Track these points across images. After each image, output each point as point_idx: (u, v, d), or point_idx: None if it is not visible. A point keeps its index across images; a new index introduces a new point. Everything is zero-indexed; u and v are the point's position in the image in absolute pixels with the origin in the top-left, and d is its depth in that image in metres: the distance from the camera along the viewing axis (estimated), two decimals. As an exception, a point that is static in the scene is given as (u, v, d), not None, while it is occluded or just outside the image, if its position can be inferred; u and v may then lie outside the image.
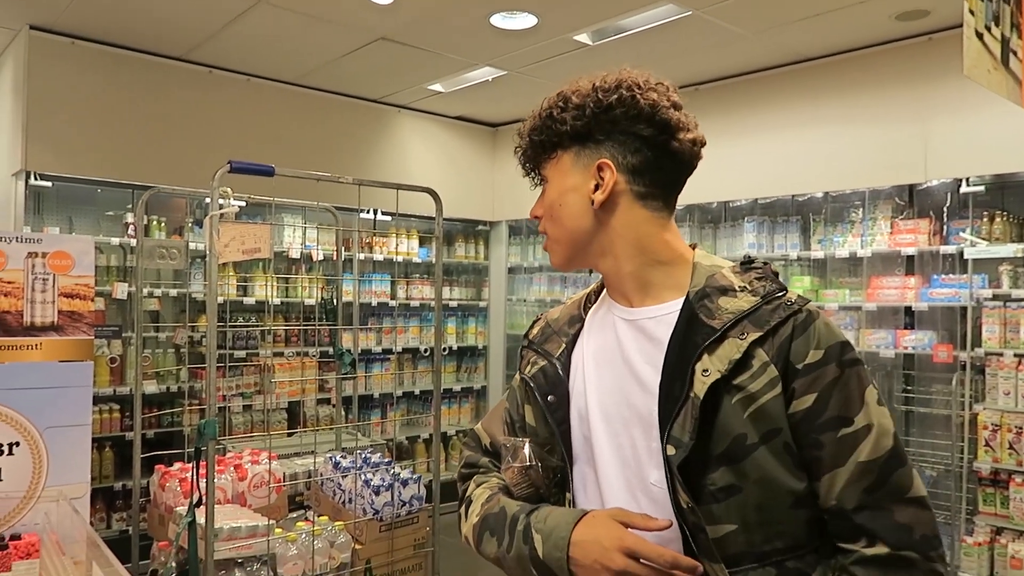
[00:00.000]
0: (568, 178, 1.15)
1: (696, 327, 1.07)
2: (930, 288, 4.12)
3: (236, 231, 2.51)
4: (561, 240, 1.17)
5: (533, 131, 1.18)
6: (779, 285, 1.09)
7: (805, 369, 1.02)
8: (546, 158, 1.17)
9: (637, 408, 1.10)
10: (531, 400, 1.24)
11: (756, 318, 1.05)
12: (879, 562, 0.98)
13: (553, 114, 1.14)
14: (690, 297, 1.10)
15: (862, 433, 1.01)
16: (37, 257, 2.41)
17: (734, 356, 1.03)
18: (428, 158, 6.08)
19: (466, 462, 1.35)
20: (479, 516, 1.20)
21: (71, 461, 2.36)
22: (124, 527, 4.43)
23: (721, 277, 1.11)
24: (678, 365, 1.06)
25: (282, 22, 4.15)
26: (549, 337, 1.26)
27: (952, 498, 3.94)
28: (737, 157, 4.75)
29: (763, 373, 1.02)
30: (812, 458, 1.02)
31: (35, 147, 4.26)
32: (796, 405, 1.02)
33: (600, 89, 1.11)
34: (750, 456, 1.01)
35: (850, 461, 1.00)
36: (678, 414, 1.03)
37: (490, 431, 1.34)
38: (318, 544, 2.70)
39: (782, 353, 1.03)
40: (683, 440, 1.02)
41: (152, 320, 4.89)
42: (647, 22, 4.08)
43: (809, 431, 1.02)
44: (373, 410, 5.80)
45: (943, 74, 4.02)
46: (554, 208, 1.16)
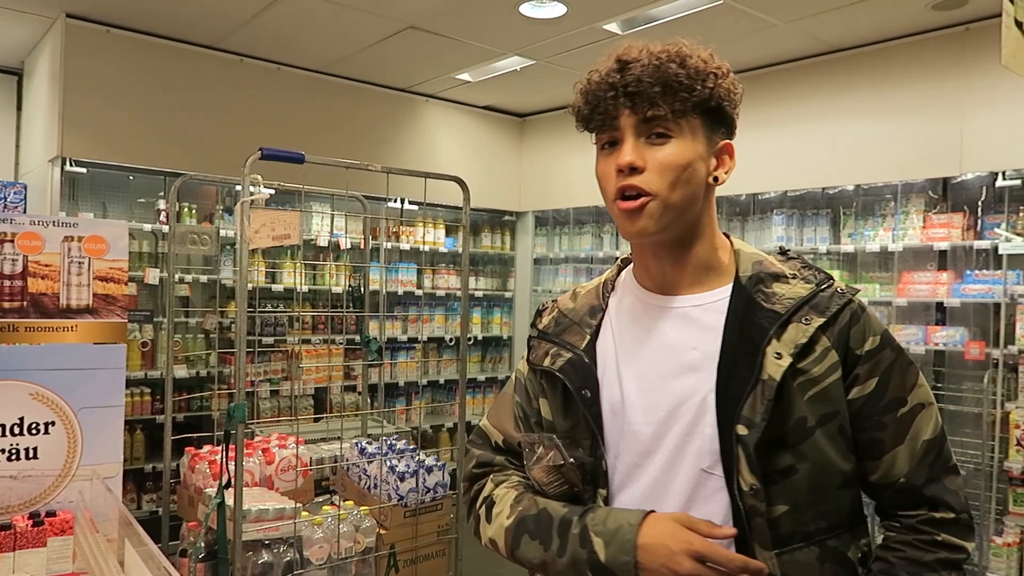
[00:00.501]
0: (699, 145, 1.09)
1: (756, 311, 1.09)
2: (963, 284, 4.05)
3: (266, 217, 2.54)
4: (673, 204, 1.07)
5: (676, 85, 1.05)
6: (826, 274, 1.14)
7: (866, 356, 1.09)
8: (680, 114, 1.06)
9: (685, 395, 1.09)
10: (547, 393, 1.20)
11: (816, 304, 1.09)
12: (946, 524, 1.08)
13: (696, 76, 1.06)
14: (743, 282, 1.13)
15: (918, 411, 1.10)
16: (73, 241, 2.46)
17: (800, 341, 1.06)
18: (455, 148, 6.09)
19: (478, 461, 1.28)
20: (514, 519, 1.14)
21: (104, 441, 2.41)
22: (154, 508, 4.52)
23: (769, 264, 1.15)
24: (741, 348, 1.07)
25: (312, 11, 4.17)
26: (567, 328, 1.22)
27: (982, 498, 3.88)
28: (767, 149, 4.70)
29: (825, 358, 1.07)
30: (873, 439, 1.09)
31: (71, 134, 4.34)
32: (859, 391, 1.09)
33: (731, 73, 1.11)
34: (809, 439, 1.05)
35: (913, 439, 1.09)
36: (748, 396, 1.05)
37: (500, 428, 1.28)
38: (343, 528, 2.73)
39: (842, 339, 1.08)
40: (755, 420, 1.03)
41: (183, 305, 4.96)
42: (677, 11, 4.04)
43: (872, 414, 1.09)
44: (398, 398, 5.85)
45: (980, 65, 3.94)
46: (683, 170, 1.06)
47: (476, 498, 1.25)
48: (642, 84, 1.05)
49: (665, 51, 1.08)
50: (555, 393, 1.19)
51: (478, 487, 1.26)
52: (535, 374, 1.24)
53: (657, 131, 1.07)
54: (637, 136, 1.07)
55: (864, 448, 1.10)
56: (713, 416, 1.07)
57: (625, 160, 1.06)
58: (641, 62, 1.07)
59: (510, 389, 1.31)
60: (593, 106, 1.10)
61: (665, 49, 1.08)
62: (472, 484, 1.28)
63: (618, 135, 1.09)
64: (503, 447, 1.27)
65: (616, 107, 1.07)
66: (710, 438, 1.07)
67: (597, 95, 1.09)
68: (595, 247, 6.00)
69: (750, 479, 1.03)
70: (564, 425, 1.17)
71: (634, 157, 1.06)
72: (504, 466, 1.26)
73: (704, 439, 1.07)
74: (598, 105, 1.09)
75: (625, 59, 1.08)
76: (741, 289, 1.12)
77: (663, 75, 1.05)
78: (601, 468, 1.13)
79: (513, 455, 1.25)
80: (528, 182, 6.48)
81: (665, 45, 1.09)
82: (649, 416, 1.11)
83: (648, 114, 1.06)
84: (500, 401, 1.32)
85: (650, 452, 1.11)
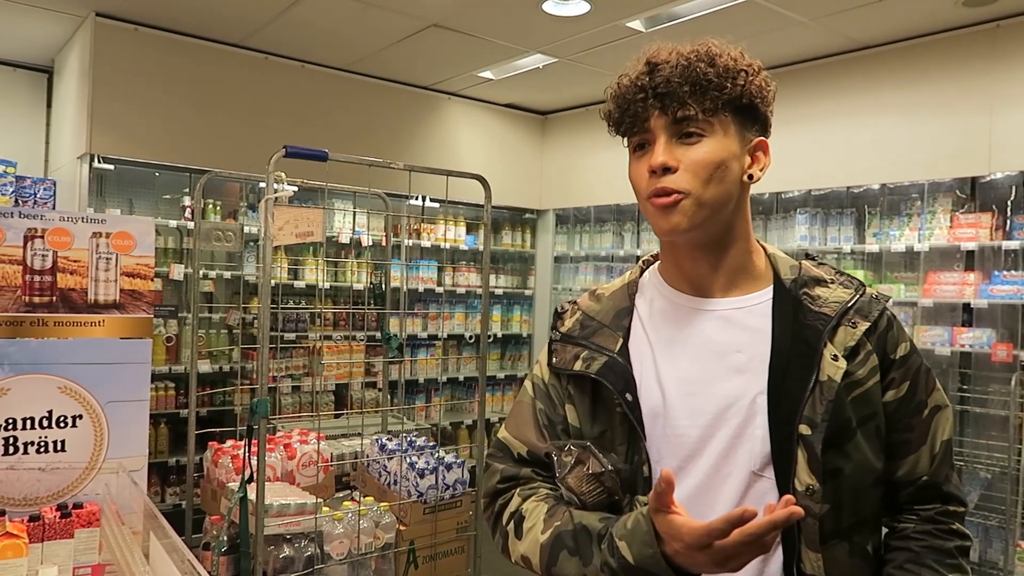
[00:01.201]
0: (732, 144, 1.08)
1: (806, 314, 1.11)
2: (991, 285, 3.99)
3: (290, 215, 2.56)
4: (707, 202, 1.06)
5: (706, 84, 1.05)
6: (858, 279, 1.18)
7: (900, 360, 1.13)
8: (712, 113, 1.06)
9: (732, 397, 1.09)
10: (574, 399, 1.16)
11: (859, 309, 1.12)
12: (959, 516, 1.16)
13: (726, 75, 1.06)
14: (786, 285, 1.14)
15: (937, 413, 1.15)
16: (101, 237, 2.49)
17: (849, 344, 1.09)
18: (477, 145, 6.10)
19: (502, 476, 1.20)
20: (550, 534, 1.09)
21: (130, 434, 2.45)
22: (178, 501, 4.58)
23: (807, 268, 1.17)
24: (795, 349, 1.08)
25: (337, 9, 4.20)
26: (596, 331, 1.18)
27: (1007, 501, 3.82)
28: (791, 147, 4.65)
29: (867, 361, 1.10)
30: (902, 440, 1.13)
31: (99, 131, 4.40)
32: (894, 394, 1.12)
33: (762, 70, 1.11)
34: (852, 439, 1.07)
35: (935, 440, 1.14)
36: (809, 396, 1.06)
37: (522, 438, 1.21)
38: (364, 524, 2.75)
39: (880, 343, 1.12)
40: (816, 420, 1.05)
41: (206, 301, 5.02)
42: (702, 8, 4.02)
43: (904, 416, 1.13)
44: (418, 395, 5.87)
45: (1010, 62, 3.87)
46: (718, 166, 1.06)
47: (501, 513, 1.19)
48: (671, 84, 1.05)
49: (695, 51, 1.07)
50: (583, 398, 1.16)
51: (503, 501, 1.20)
52: (559, 379, 1.20)
53: (688, 130, 1.06)
54: (669, 137, 1.07)
55: (893, 448, 1.13)
56: (765, 418, 1.07)
57: (658, 161, 1.06)
58: (670, 63, 1.06)
59: (526, 397, 1.24)
60: (623, 109, 1.09)
61: (695, 49, 1.08)
62: (494, 499, 1.22)
63: (649, 136, 1.09)
64: (528, 458, 1.20)
65: (646, 109, 1.07)
66: (761, 440, 1.07)
67: (627, 98, 1.09)
68: (616, 245, 5.98)
69: (808, 480, 1.04)
70: (593, 431, 1.14)
71: (666, 158, 1.05)
72: (530, 478, 1.19)
73: (755, 441, 1.07)
74: (628, 108, 1.09)
75: (654, 61, 1.08)
76: (785, 292, 1.13)
77: (692, 74, 1.05)
78: (641, 474, 1.10)
79: (539, 466, 1.19)
80: (549, 180, 6.48)
81: (695, 45, 1.09)
82: (694, 419, 1.09)
83: (679, 114, 1.05)
84: (518, 410, 1.25)
85: (694, 455, 1.09)
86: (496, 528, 1.20)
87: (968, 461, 4.12)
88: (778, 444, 1.06)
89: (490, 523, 1.23)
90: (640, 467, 1.10)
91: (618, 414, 1.12)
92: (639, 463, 1.10)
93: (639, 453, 1.10)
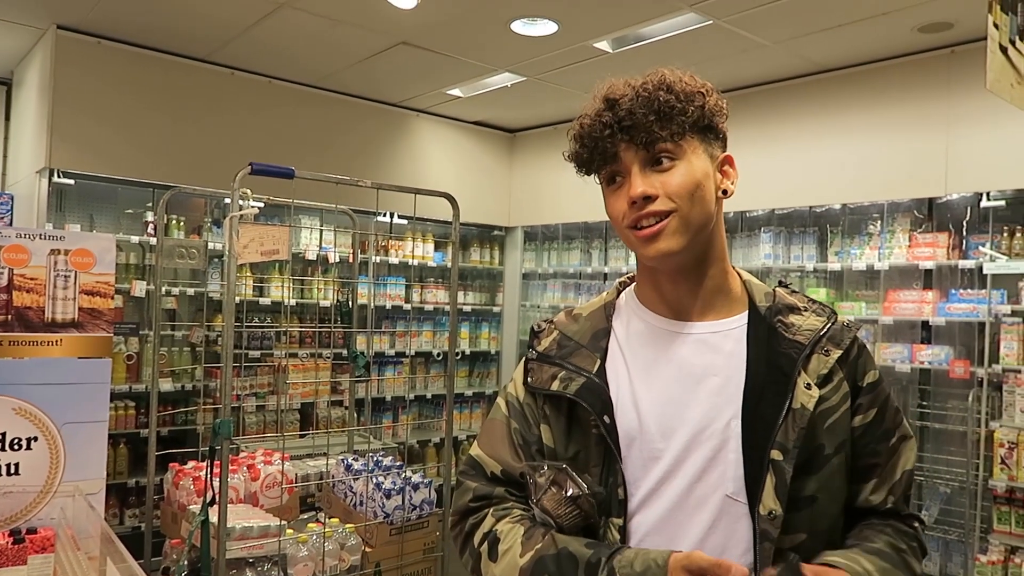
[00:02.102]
0: (703, 162, 1.11)
1: (780, 341, 1.13)
2: (948, 303, 4.08)
3: (255, 232, 2.53)
4: (694, 223, 1.08)
5: (668, 110, 1.07)
6: (829, 307, 1.20)
7: (868, 387, 1.15)
8: (679, 137, 1.08)
9: (707, 420, 1.09)
10: (550, 419, 1.16)
11: (832, 337, 1.14)
12: (918, 530, 1.18)
13: (686, 99, 1.08)
14: (761, 312, 1.16)
15: (902, 442, 1.17)
16: (60, 254, 2.44)
17: (822, 371, 1.11)
18: (445, 162, 6.10)
19: (475, 495, 1.18)
20: (531, 558, 1.06)
21: (87, 457, 2.38)
22: (137, 524, 4.47)
23: (781, 296, 1.19)
24: (770, 376, 1.09)
25: (305, 25, 4.18)
26: (574, 351, 1.18)
27: (966, 516, 3.90)
28: (755, 167, 4.73)
29: (840, 388, 1.12)
30: (867, 465, 1.15)
31: (59, 145, 4.32)
32: (861, 419, 1.14)
33: (715, 90, 1.13)
34: (826, 466, 1.09)
35: (899, 468, 1.16)
36: (781, 423, 1.07)
37: (497, 457, 1.19)
38: (329, 546, 2.71)
39: (851, 371, 1.14)
40: (788, 447, 1.06)
41: (169, 318, 4.93)
42: (668, 30, 4.08)
43: (869, 442, 1.15)
44: (385, 413, 5.82)
45: (965, 87, 3.99)
46: (697, 187, 1.08)
47: (472, 533, 1.16)
48: (636, 116, 1.06)
49: (649, 81, 1.09)
50: (559, 419, 1.15)
51: (474, 520, 1.17)
52: (535, 398, 1.18)
53: (659, 157, 1.08)
54: (642, 166, 1.09)
55: (857, 473, 1.15)
56: (739, 442, 1.07)
57: (637, 192, 1.07)
58: (628, 96, 1.08)
59: (500, 415, 1.23)
60: (591, 148, 1.11)
61: (647, 80, 1.10)
62: (465, 518, 1.19)
63: (620, 168, 1.10)
64: (501, 478, 1.18)
65: (615, 144, 1.08)
66: (735, 464, 1.07)
67: (593, 136, 1.10)
68: (584, 262, 6.01)
69: (772, 504, 1.04)
70: (568, 452, 1.14)
71: (645, 187, 1.07)
72: (504, 498, 1.17)
73: (728, 465, 1.07)
74: (596, 146, 1.10)
75: (612, 97, 1.10)
76: (760, 318, 1.15)
77: (655, 103, 1.07)
78: (616, 496, 1.09)
79: (513, 485, 1.18)
80: (518, 197, 6.50)
81: (646, 76, 1.11)
82: (669, 442, 1.09)
83: (648, 143, 1.07)
84: (491, 428, 1.23)
85: (668, 478, 1.09)
86: (466, 548, 1.17)
87: (928, 476, 4.19)
88: (750, 468, 1.06)
89: (458, 541, 1.20)
90: (615, 489, 1.09)
91: (594, 435, 1.11)
92: (614, 485, 1.09)
93: (614, 475, 1.10)
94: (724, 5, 3.67)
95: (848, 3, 3.62)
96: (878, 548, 1.09)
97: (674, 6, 3.72)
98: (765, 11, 3.72)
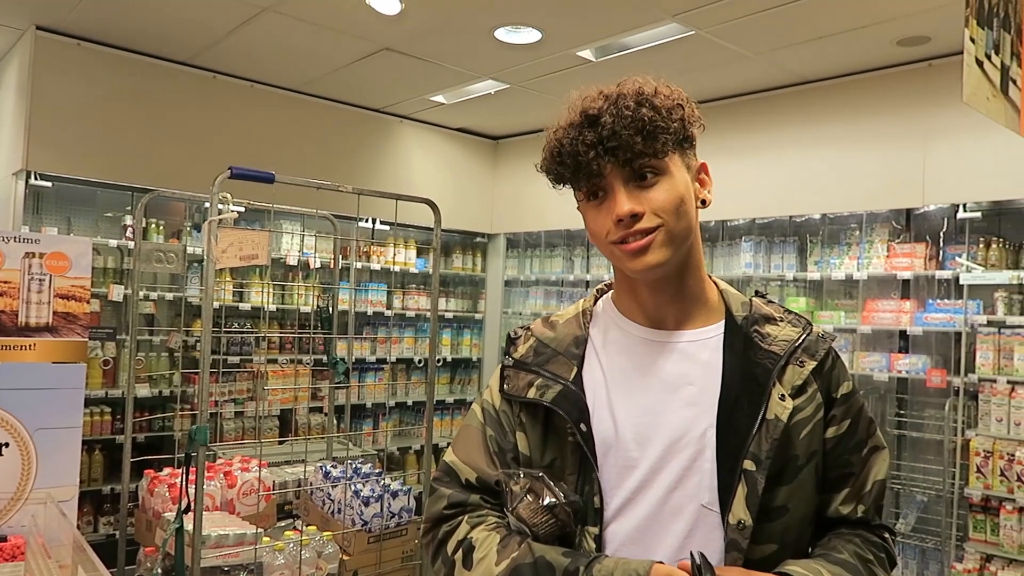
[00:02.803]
0: (683, 175, 1.11)
1: (756, 352, 1.13)
2: (925, 312, 4.13)
3: (234, 237, 2.51)
4: (679, 236, 1.09)
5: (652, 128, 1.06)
6: (805, 318, 1.21)
7: (842, 399, 1.15)
8: (663, 154, 1.08)
9: (683, 429, 1.09)
10: (526, 427, 1.15)
11: (807, 348, 1.14)
12: (888, 541, 1.18)
13: (668, 114, 1.08)
14: (738, 322, 1.16)
15: (875, 453, 1.17)
16: (34, 257, 2.40)
17: (797, 383, 1.11)
18: (428, 169, 6.09)
19: (449, 502, 1.16)
20: (507, 566, 1.05)
21: (60, 463, 2.34)
22: (111, 531, 4.40)
23: (758, 306, 1.19)
24: (744, 386, 1.09)
25: (288, 30, 4.17)
26: (551, 358, 1.17)
27: (943, 524, 3.93)
28: (736, 176, 4.77)
29: (814, 398, 1.12)
30: (839, 476, 1.15)
31: (37, 147, 4.26)
32: (834, 431, 1.14)
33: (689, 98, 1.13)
34: (797, 477, 1.09)
35: (871, 479, 1.16)
36: (755, 434, 1.07)
37: (472, 464, 1.18)
38: (306, 554, 2.68)
39: (825, 382, 1.14)
40: (761, 458, 1.06)
41: (147, 323, 4.88)
42: (650, 40, 4.11)
43: (842, 453, 1.15)
44: (365, 420, 5.78)
45: (943, 100, 4.04)
46: (681, 202, 1.09)
47: (446, 540, 1.15)
48: (619, 137, 1.05)
49: (626, 95, 1.08)
50: (535, 426, 1.14)
51: (448, 528, 1.15)
52: (511, 406, 1.17)
53: (644, 172, 1.08)
54: (625, 183, 1.08)
55: (829, 483, 1.15)
56: (713, 451, 1.07)
57: (624, 211, 1.06)
58: (609, 112, 1.06)
59: (475, 422, 1.22)
60: (574, 168, 1.09)
61: (625, 92, 1.08)
62: (438, 525, 1.17)
63: (603, 185, 1.09)
64: (476, 485, 1.17)
65: (600, 164, 1.07)
66: (709, 473, 1.07)
67: (576, 156, 1.08)
68: (566, 270, 6.02)
69: (742, 514, 1.04)
70: (543, 460, 1.13)
71: (632, 205, 1.06)
72: (479, 505, 1.16)
73: (704, 474, 1.07)
74: (579, 166, 1.08)
75: (592, 113, 1.08)
76: (736, 328, 1.15)
77: (639, 123, 1.05)
78: (592, 505, 1.09)
79: (488, 493, 1.16)
80: (500, 204, 6.50)
81: (621, 87, 1.09)
82: (645, 450, 1.09)
83: (631, 160, 1.06)
84: (466, 435, 1.22)
85: (644, 487, 1.09)
86: (439, 555, 1.15)
87: (905, 484, 4.23)
88: (722, 478, 1.06)
89: (430, 548, 1.18)
90: (591, 498, 1.09)
91: (570, 443, 1.11)
92: (590, 494, 1.09)
93: (590, 484, 1.09)
94: (706, 16, 3.70)
95: (828, 16, 3.67)
96: (843, 559, 1.09)
97: (657, 16, 3.75)
98: (746, 22, 3.75)
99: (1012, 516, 3.63)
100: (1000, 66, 2.52)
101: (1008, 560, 3.67)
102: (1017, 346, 3.73)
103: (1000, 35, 2.52)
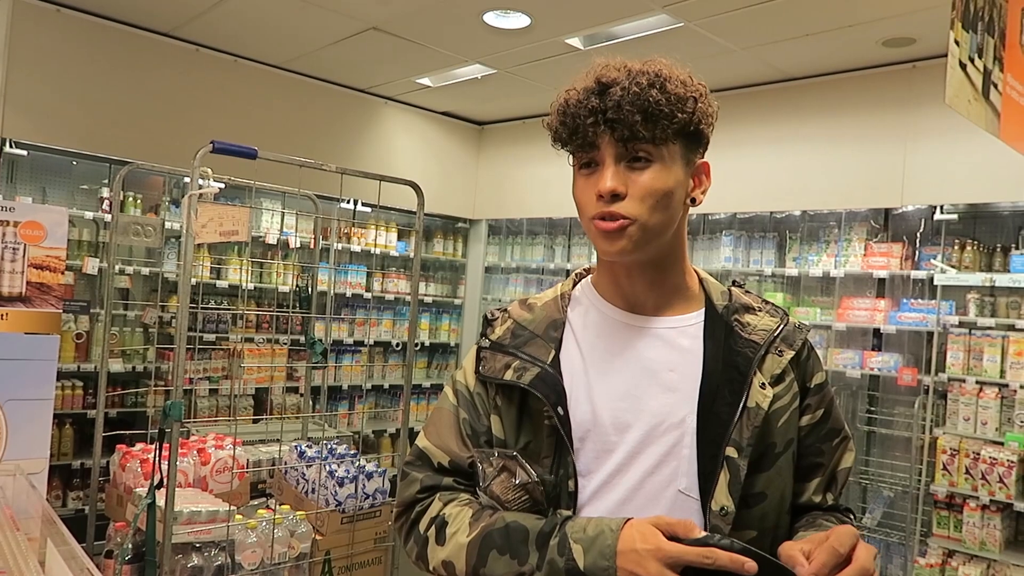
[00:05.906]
0: (678, 168, 1.10)
1: (736, 340, 1.13)
2: (899, 312, 4.19)
3: (214, 212, 2.48)
4: (653, 228, 1.07)
5: (657, 112, 1.04)
6: (783, 308, 1.22)
7: (816, 388, 1.18)
8: (661, 141, 1.06)
9: (663, 414, 1.09)
10: (500, 409, 1.14)
11: (785, 337, 1.16)
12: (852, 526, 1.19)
13: (676, 103, 1.06)
14: (718, 310, 1.17)
15: (844, 443, 1.21)
16: (8, 226, 2.36)
17: (776, 371, 1.13)
18: (412, 152, 6.06)
19: (423, 486, 1.15)
20: (476, 534, 1.05)
21: (31, 435, 2.32)
22: (80, 506, 4.36)
23: (737, 295, 1.20)
24: (725, 374, 1.10)
25: (274, 5, 4.11)
26: (528, 340, 1.16)
27: (908, 519, 4.01)
28: (718, 170, 4.72)
29: (791, 388, 1.14)
30: (811, 464, 1.18)
31: (12, 114, 4.18)
32: (808, 419, 1.17)
33: (708, 93, 1.12)
34: (775, 464, 1.11)
35: (840, 468, 1.20)
36: (737, 421, 1.08)
37: (445, 447, 1.16)
38: (278, 533, 2.68)
39: (801, 371, 1.17)
40: (743, 445, 1.07)
41: (122, 297, 4.82)
42: (639, 30, 4.10)
43: (815, 441, 1.18)
44: (341, 401, 5.77)
45: (925, 101, 4.09)
46: (665, 194, 1.07)
47: (418, 520, 1.14)
48: (622, 111, 1.03)
49: (645, 73, 1.06)
50: (510, 409, 1.13)
51: (421, 508, 1.15)
52: (486, 388, 1.16)
53: (638, 155, 1.06)
54: (617, 161, 1.06)
55: (801, 472, 1.17)
56: (693, 438, 1.08)
57: (607, 187, 1.05)
58: (621, 85, 1.05)
59: (448, 404, 1.20)
60: (572, 129, 1.08)
61: (644, 70, 1.07)
62: (411, 508, 1.16)
63: (597, 156, 1.08)
64: (449, 468, 1.16)
65: (596, 133, 1.06)
66: (688, 460, 1.07)
67: (576, 119, 1.07)
68: (547, 258, 6.03)
69: (724, 501, 1.05)
70: (517, 443, 1.12)
71: (616, 183, 1.05)
72: (452, 488, 1.15)
73: (682, 460, 1.07)
74: (577, 129, 1.07)
75: (605, 81, 1.07)
76: (717, 316, 1.16)
77: (644, 103, 1.04)
78: (566, 488, 1.08)
79: (461, 475, 1.16)
80: (483, 190, 6.49)
81: (644, 64, 1.08)
82: (623, 435, 1.09)
83: (629, 141, 1.05)
84: (438, 418, 1.20)
85: (621, 471, 1.08)
86: (411, 535, 1.15)
87: (872, 480, 4.30)
88: (703, 465, 1.07)
89: (403, 531, 1.17)
90: (565, 481, 1.08)
91: (546, 426, 1.10)
92: (564, 477, 1.08)
93: (565, 467, 1.08)
94: (696, 8, 3.71)
95: (816, 14, 3.68)
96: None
97: (647, 6, 3.75)
98: (735, 16, 3.76)
99: (975, 513, 3.71)
100: (983, 70, 2.55)
101: (969, 556, 3.75)
102: (987, 347, 3.80)
103: (984, 39, 2.55)
